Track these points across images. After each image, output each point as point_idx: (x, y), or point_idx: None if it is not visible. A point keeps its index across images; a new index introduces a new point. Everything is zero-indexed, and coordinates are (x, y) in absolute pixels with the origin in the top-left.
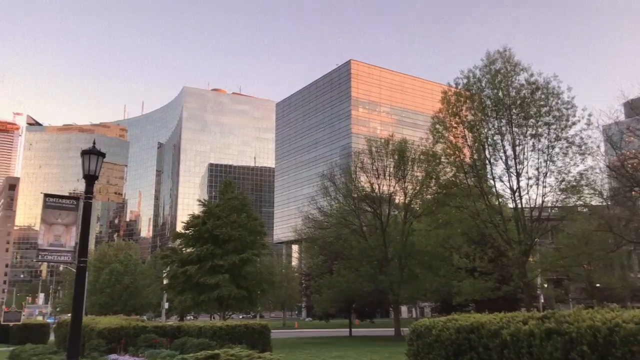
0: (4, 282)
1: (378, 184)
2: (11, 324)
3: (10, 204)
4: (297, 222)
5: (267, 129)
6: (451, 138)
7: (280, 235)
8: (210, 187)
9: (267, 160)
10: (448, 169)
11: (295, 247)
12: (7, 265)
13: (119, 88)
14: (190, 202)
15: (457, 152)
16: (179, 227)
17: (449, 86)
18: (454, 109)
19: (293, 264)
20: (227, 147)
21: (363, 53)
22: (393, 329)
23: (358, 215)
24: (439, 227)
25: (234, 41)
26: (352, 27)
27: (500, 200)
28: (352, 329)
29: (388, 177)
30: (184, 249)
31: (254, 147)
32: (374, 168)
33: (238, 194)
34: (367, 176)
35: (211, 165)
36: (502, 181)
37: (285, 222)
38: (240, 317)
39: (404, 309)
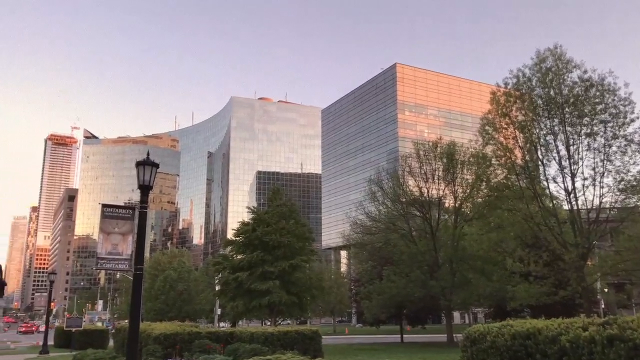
0: (66, 290)
1: (427, 188)
2: (73, 329)
3: (70, 214)
4: (345, 227)
5: (313, 135)
6: (501, 139)
7: (329, 241)
8: (258, 195)
9: (314, 166)
10: (499, 171)
11: (343, 253)
12: (68, 273)
13: (170, 100)
14: (239, 209)
15: (508, 154)
16: (230, 234)
17: (497, 86)
18: (504, 110)
19: (342, 269)
20: (274, 154)
21: (408, 56)
22: (445, 335)
23: (407, 219)
24: (491, 230)
25: (280, 50)
26: (396, 31)
27: (554, 202)
28: (404, 335)
29: (437, 181)
30: (234, 255)
31: (300, 154)
32: (422, 172)
33: (286, 201)
34: (415, 180)
35: (259, 172)
36: (556, 182)
37: (333, 228)
38: (287, 322)
39: (456, 314)
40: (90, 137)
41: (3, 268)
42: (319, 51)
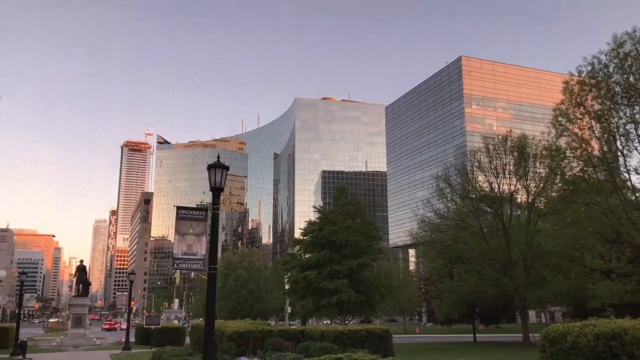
0: (144, 289)
1: (497, 183)
2: (152, 327)
3: (146, 217)
4: (413, 225)
5: (377, 133)
6: (576, 130)
7: (396, 239)
8: (324, 194)
9: (379, 164)
10: (574, 164)
11: (412, 251)
12: (145, 273)
13: (237, 104)
14: (305, 209)
15: (583, 145)
16: (297, 234)
17: (570, 75)
18: (578, 99)
19: (411, 268)
20: (338, 153)
21: (473, 49)
22: (521, 334)
23: (477, 216)
24: (567, 226)
25: (341, 50)
26: (459, 24)
27: (637, 194)
28: (477, 334)
29: (508, 176)
30: (303, 254)
31: (365, 152)
32: (492, 167)
33: (352, 200)
34: (485, 175)
35: (324, 172)
36: (638, 174)
37: (400, 226)
38: (353, 321)
39: (531, 313)
40: (162, 143)
41: (87, 269)
42: (381, 48)
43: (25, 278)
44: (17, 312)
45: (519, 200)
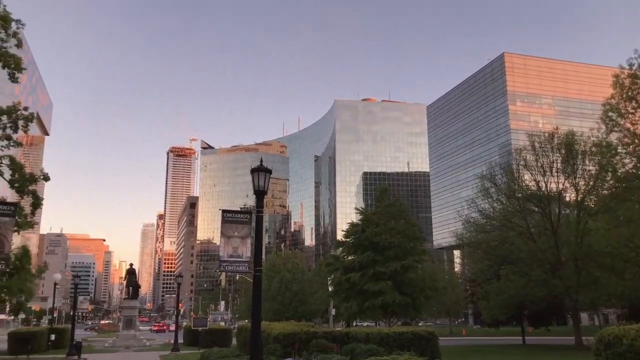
0: (191, 291)
1: (544, 182)
2: (200, 328)
3: (192, 221)
4: (457, 226)
5: (419, 133)
6: (628, 125)
7: (440, 240)
8: (365, 195)
9: (421, 164)
10: (627, 160)
11: (457, 253)
12: (192, 276)
13: (277, 107)
14: (347, 210)
15: (636, 141)
16: (339, 236)
17: (620, 68)
18: (629, 93)
19: (456, 269)
20: (379, 154)
21: (515, 45)
22: (572, 337)
23: (524, 216)
24: (620, 225)
25: (381, 50)
26: (500, 21)
27: None
28: (526, 337)
29: (556, 174)
30: (345, 256)
31: (406, 153)
32: (539, 165)
33: (394, 201)
34: (531, 174)
35: (365, 173)
36: None
37: (444, 227)
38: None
39: (583, 315)
40: (206, 148)
41: (136, 272)
42: (421, 47)
43: (78, 281)
44: (71, 314)
45: (567, 198)
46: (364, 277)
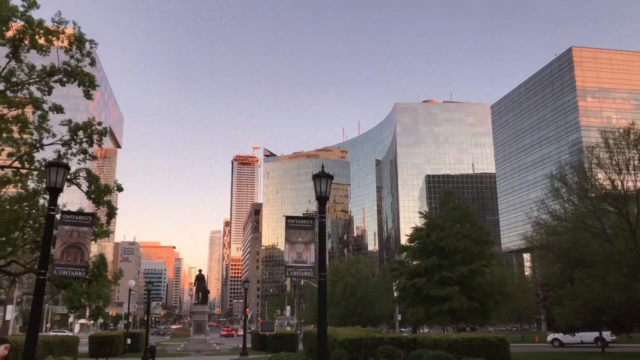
0: (257, 296)
1: (620, 180)
2: (267, 333)
3: (257, 227)
4: (526, 228)
5: (483, 133)
6: None
7: (509, 243)
8: (429, 199)
9: (486, 165)
10: None
11: (526, 256)
12: (258, 281)
13: (337, 113)
14: (410, 214)
15: None
16: (403, 240)
17: None
18: None
19: (526, 273)
20: (442, 157)
21: (581, 39)
22: None
23: (599, 217)
24: None
25: (440, 51)
26: (565, 15)
27: None
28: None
29: (633, 172)
30: (410, 261)
31: (470, 154)
32: (614, 163)
33: (460, 204)
34: (605, 173)
35: (428, 176)
36: None
37: (513, 230)
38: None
39: None
40: (269, 155)
41: (205, 278)
42: (482, 46)
43: (151, 287)
44: (145, 319)
45: None
46: (430, 282)
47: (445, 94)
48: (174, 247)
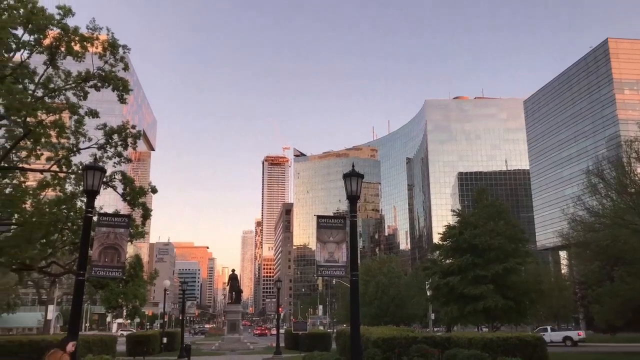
0: (290, 296)
1: None
2: (300, 332)
3: (288, 227)
4: (562, 225)
5: (516, 129)
6: None
7: (544, 241)
8: (461, 197)
9: (520, 162)
10: None
11: (562, 253)
12: (290, 281)
13: (366, 112)
14: (443, 212)
15: None
16: (435, 239)
17: None
18: None
19: (563, 271)
20: (474, 153)
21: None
22: None
23: (638, 212)
24: None
25: (470, 46)
26: (595, 8)
27: None
28: None
29: None
30: (443, 260)
31: (503, 150)
32: None
33: (493, 201)
34: None
35: (460, 174)
36: None
37: (548, 227)
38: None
39: None
40: (299, 155)
41: (238, 277)
42: (512, 40)
43: (186, 287)
44: (180, 318)
45: None
46: (464, 281)
47: (475, 90)
48: (207, 247)
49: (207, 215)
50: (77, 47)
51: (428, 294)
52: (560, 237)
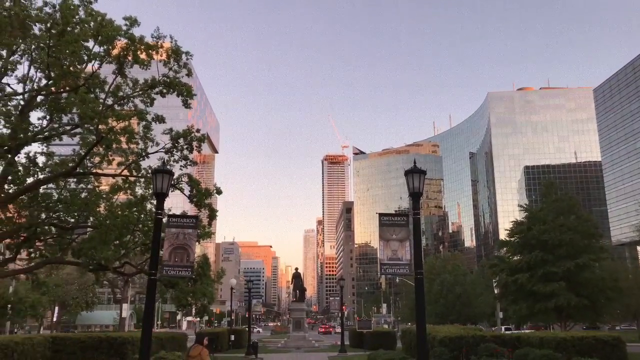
0: (353, 294)
1: None
2: (364, 331)
3: (349, 225)
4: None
5: (585, 119)
6: None
7: (620, 236)
8: (529, 191)
9: (591, 153)
10: None
11: None
12: (353, 279)
13: (427, 107)
14: (509, 208)
15: None
16: (502, 235)
17: None
18: None
19: None
20: (541, 146)
21: None
22: None
23: None
24: None
25: (533, 36)
26: None
27: None
28: None
29: None
30: (510, 256)
31: (572, 142)
32: None
33: (562, 195)
34: None
35: (527, 167)
36: None
37: (624, 221)
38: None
39: None
40: (358, 153)
41: (302, 276)
42: (578, 28)
43: (251, 285)
44: (247, 316)
45: None
46: (533, 278)
47: (540, 81)
48: (271, 246)
49: (269, 214)
50: (143, 56)
51: (495, 292)
52: (637, 231)
